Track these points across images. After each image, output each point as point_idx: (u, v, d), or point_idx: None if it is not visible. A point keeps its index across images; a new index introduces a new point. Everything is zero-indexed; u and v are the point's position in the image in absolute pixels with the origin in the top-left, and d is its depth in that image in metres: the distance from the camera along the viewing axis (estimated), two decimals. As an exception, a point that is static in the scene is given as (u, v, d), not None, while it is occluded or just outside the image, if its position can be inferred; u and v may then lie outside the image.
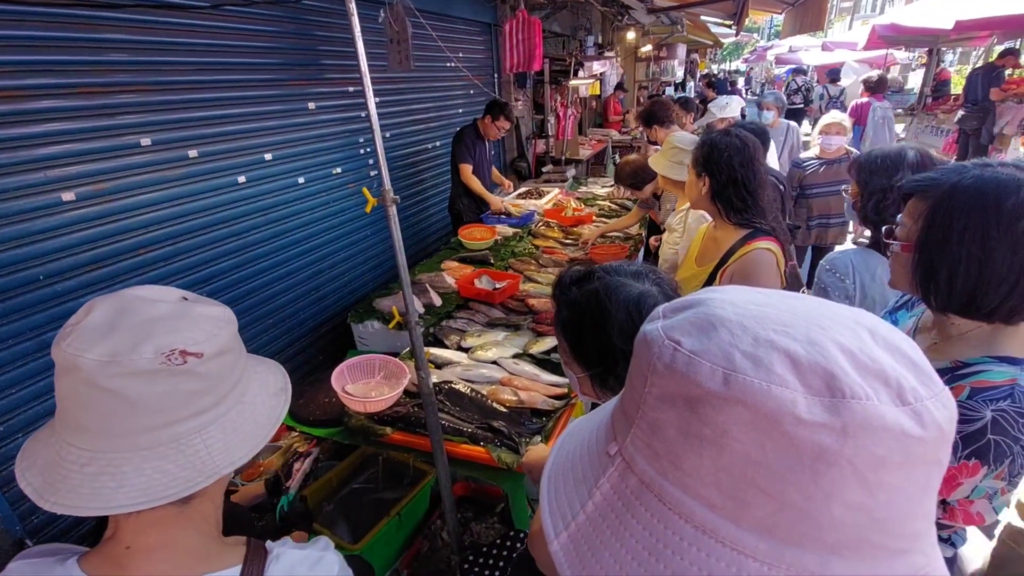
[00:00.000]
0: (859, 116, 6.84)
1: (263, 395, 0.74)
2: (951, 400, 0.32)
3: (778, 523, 0.31)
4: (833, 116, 3.49)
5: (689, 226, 2.28)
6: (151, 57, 2.21)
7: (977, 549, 1.85)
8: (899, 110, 10.78)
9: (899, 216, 1.10)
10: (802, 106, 10.82)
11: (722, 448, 0.31)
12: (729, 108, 4.13)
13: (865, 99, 6.96)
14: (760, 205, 1.66)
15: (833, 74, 9.70)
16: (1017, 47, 8.89)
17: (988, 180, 0.92)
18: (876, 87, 7.03)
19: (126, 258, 2.19)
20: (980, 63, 9.31)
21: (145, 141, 2.19)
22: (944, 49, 10.44)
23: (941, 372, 1.02)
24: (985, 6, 6.95)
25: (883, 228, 1.15)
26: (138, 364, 0.59)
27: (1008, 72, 7.51)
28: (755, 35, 35.19)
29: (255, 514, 1.53)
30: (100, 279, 2.10)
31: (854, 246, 1.87)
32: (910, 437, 0.29)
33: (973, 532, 1.45)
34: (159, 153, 2.27)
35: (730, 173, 1.64)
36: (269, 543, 0.73)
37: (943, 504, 1.03)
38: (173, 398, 0.62)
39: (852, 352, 0.32)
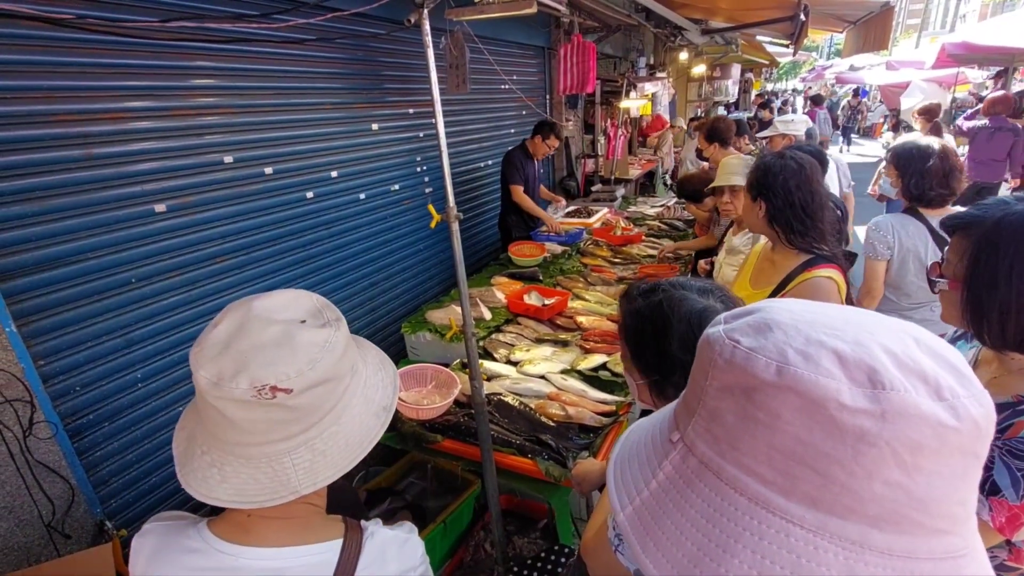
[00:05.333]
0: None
1: (363, 416, 0.75)
2: (989, 400, 0.35)
3: (823, 496, 0.34)
4: None
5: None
6: (235, 83, 2.41)
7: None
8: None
9: (944, 251, 1.09)
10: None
11: (774, 430, 0.36)
12: (793, 125, 4.04)
13: (811, 108, 10.35)
14: (820, 228, 1.63)
15: (817, 99, 11.41)
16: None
17: None
18: (816, 100, 10.92)
19: (204, 266, 2.37)
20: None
21: (228, 159, 2.39)
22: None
23: (1002, 407, 0.99)
24: (1068, 22, 6.55)
25: (932, 262, 1.16)
26: (234, 393, 0.64)
27: None
28: (813, 54, 34.24)
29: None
30: (180, 284, 2.28)
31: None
32: (945, 427, 0.33)
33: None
34: (239, 170, 2.46)
35: (786, 196, 1.62)
36: (363, 522, 0.80)
37: (1008, 545, 0.98)
38: (264, 424, 0.67)
39: (895, 353, 0.35)
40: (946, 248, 1.08)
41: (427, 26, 1.49)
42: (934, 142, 2.20)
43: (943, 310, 1.12)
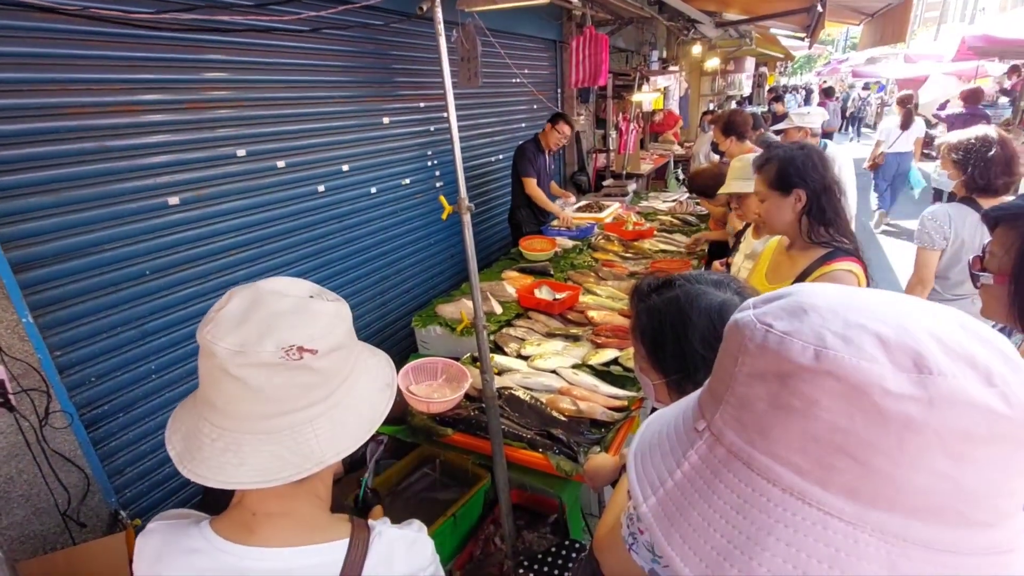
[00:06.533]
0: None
1: (370, 389, 0.77)
2: None
3: (863, 487, 0.33)
4: None
5: None
6: (247, 76, 2.41)
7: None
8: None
9: (986, 244, 1.05)
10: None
11: (810, 418, 0.34)
12: (809, 117, 3.98)
13: (822, 100, 11.42)
14: (844, 219, 1.60)
15: (828, 92, 12.40)
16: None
17: None
18: (828, 93, 11.81)
19: (217, 259, 2.38)
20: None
21: (241, 152, 2.40)
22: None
23: None
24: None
25: (972, 256, 1.12)
26: (261, 356, 0.64)
27: None
28: (829, 47, 33.71)
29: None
30: (193, 277, 2.29)
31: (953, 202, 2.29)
32: (996, 414, 0.31)
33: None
34: (252, 163, 2.46)
35: (822, 180, 1.58)
36: (371, 521, 0.79)
37: None
38: (289, 390, 0.67)
39: (941, 338, 0.33)
40: (988, 241, 1.05)
41: (439, 14, 1.47)
42: (991, 131, 2.16)
43: (984, 305, 1.09)
